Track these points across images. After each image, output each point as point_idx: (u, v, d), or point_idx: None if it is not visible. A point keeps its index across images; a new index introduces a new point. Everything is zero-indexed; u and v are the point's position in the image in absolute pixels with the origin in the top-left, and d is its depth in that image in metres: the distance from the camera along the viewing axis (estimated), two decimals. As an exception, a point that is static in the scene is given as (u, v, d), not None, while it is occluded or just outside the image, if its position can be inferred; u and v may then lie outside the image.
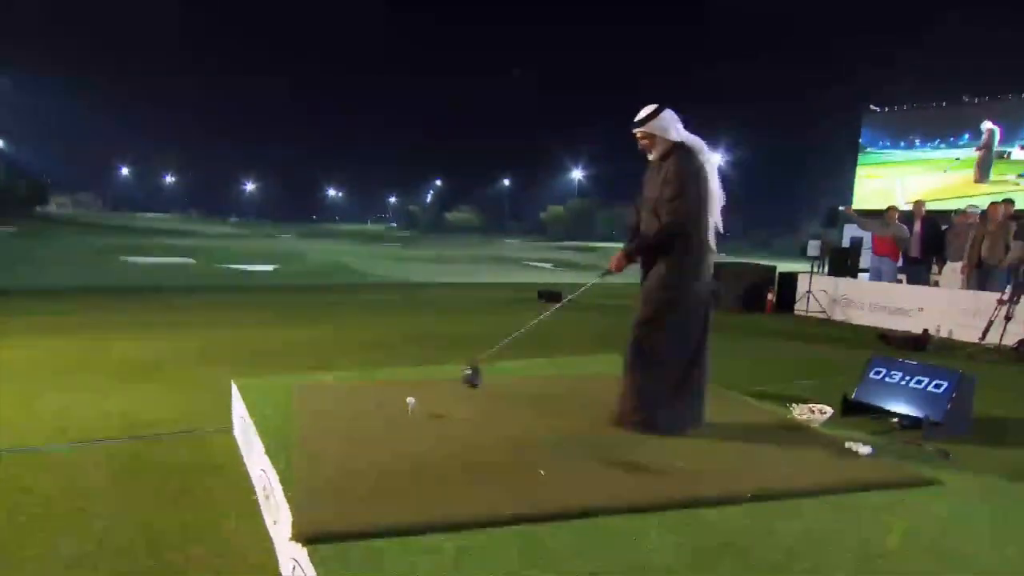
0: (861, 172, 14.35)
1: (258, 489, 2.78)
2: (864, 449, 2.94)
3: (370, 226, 76.62)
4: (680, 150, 3.23)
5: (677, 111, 3.30)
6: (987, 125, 12.44)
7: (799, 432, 3.31)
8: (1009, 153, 12.22)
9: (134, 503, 2.72)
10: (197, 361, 5.37)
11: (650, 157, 3.35)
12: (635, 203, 3.48)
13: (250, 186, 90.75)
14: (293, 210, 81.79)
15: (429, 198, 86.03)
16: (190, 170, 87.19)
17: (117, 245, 22.25)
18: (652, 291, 3.24)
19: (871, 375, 4.39)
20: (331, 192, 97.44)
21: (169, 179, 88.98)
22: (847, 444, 3.02)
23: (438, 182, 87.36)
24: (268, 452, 2.67)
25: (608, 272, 3.39)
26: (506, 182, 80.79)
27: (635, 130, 3.29)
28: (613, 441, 3.05)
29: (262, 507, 2.65)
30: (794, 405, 3.55)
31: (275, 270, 17.62)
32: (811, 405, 3.48)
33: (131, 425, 3.68)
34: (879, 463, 2.89)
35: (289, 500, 2.22)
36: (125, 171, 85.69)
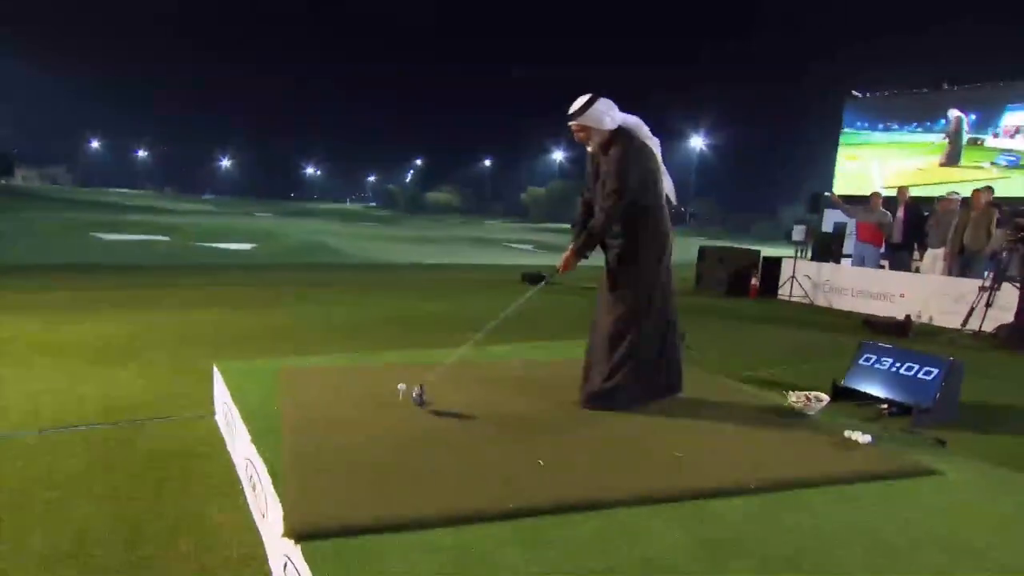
0: (841, 154, 14.46)
1: (244, 479, 2.67)
2: (864, 438, 2.91)
3: (349, 205, 75.72)
4: (620, 137, 3.18)
5: (612, 98, 3.19)
6: (954, 113, 12.61)
7: (796, 420, 3.28)
8: (983, 140, 12.36)
9: (113, 493, 2.60)
10: (175, 343, 5.19)
11: (588, 149, 3.30)
12: (581, 194, 3.44)
13: (226, 163, 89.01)
14: (271, 188, 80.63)
15: (409, 177, 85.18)
16: (164, 145, 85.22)
17: (87, 221, 21.61)
18: (622, 286, 3.23)
19: (861, 361, 4.39)
20: (309, 170, 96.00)
21: (142, 154, 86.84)
22: (846, 433, 2.99)
23: (418, 161, 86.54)
24: (255, 441, 2.55)
25: (556, 273, 3.34)
26: (487, 162, 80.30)
27: (570, 123, 3.22)
28: (610, 428, 2.99)
29: (248, 498, 2.55)
30: (790, 392, 3.51)
31: (253, 249, 17.28)
32: (807, 392, 3.44)
33: (108, 410, 3.53)
34: (881, 453, 2.86)
35: (280, 494, 2.12)
36: (96, 144, 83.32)
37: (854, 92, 14.45)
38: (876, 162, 13.71)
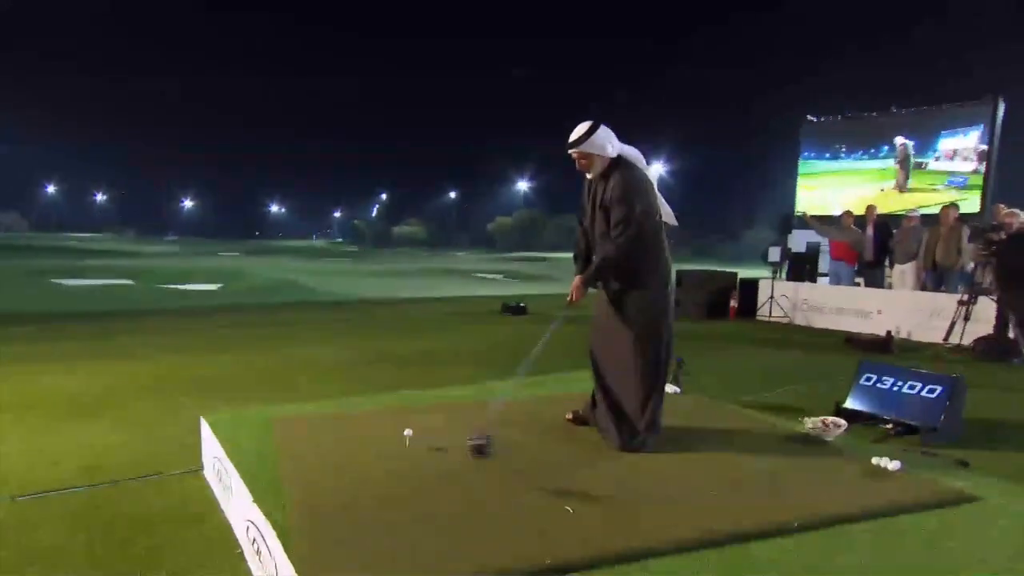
0: (802, 182, 14.77)
1: (244, 543, 2.46)
2: (893, 465, 2.84)
3: (316, 242, 74.93)
4: (621, 165, 3.16)
5: (610, 124, 3.20)
6: (899, 140, 12.99)
7: (820, 448, 3.19)
8: (926, 164, 12.75)
9: (102, 565, 2.36)
10: (150, 393, 4.91)
11: (589, 176, 3.27)
12: (580, 223, 3.39)
13: (188, 203, 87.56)
14: (234, 228, 79.36)
15: (374, 212, 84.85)
16: (122, 187, 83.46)
17: (47, 267, 20.80)
18: (633, 316, 3.16)
19: (862, 381, 4.36)
20: (273, 208, 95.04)
21: (100, 197, 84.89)
22: (874, 460, 2.91)
23: (383, 196, 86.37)
24: (258, 502, 2.35)
25: (568, 305, 3.27)
26: (452, 194, 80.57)
27: (571, 151, 3.18)
28: (632, 466, 2.86)
29: (251, 564, 2.34)
30: (806, 418, 3.44)
31: (220, 289, 16.82)
32: (824, 418, 3.37)
33: (86, 470, 3.27)
34: (914, 481, 2.78)
35: (293, 560, 1.93)
36: (51, 189, 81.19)
37: (809, 117, 14.86)
38: (832, 190, 14.00)
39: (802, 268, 10.36)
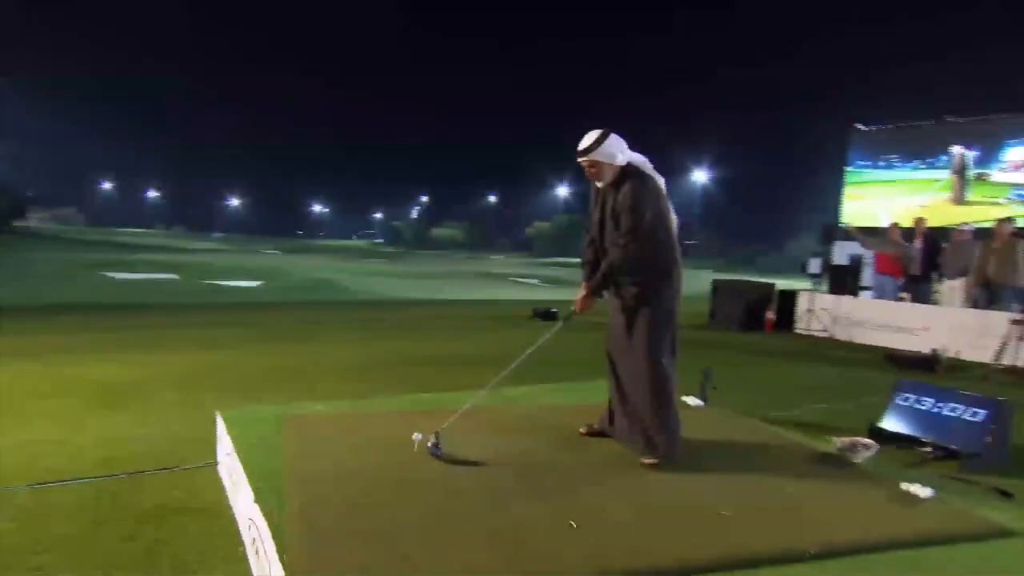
0: (849, 191, 14.28)
1: (246, 540, 2.45)
2: (924, 492, 2.67)
3: (355, 242, 76.11)
4: (631, 173, 3.09)
5: (622, 134, 3.12)
6: (957, 149, 12.41)
7: (845, 470, 3.03)
8: (988, 175, 12.15)
9: (103, 559, 2.38)
10: (180, 385, 5.00)
11: (599, 185, 3.20)
12: (587, 231, 3.33)
13: (234, 201, 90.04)
14: (278, 225, 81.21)
15: (415, 214, 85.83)
16: (173, 185, 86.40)
17: (98, 260, 21.65)
18: (645, 325, 3.07)
19: (898, 401, 4.15)
20: (316, 208, 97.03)
21: (152, 194, 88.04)
22: (903, 486, 2.74)
23: (424, 198, 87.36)
24: (258, 500, 2.34)
25: (573, 314, 3.19)
26: (491, 198, 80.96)
27: (581, 159, 3.11)
28: (642, 481, 2.76)
29: (251, 562, 2.33)
30: (833, 438, 3.28)
31: (260, 286, 17.20)
32: (853, 438, 3.21)
33: (106, 461, 3.33)
34: (946, 510, 2.61)
35: (284, 562, 1.91)
36: (107, 186, 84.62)
37: (858, 125, 14.38)
38: (882, 200, 13.49)
39: (844, 280, 10.00)
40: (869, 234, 10.14)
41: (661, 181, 3.23)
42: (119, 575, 2.29)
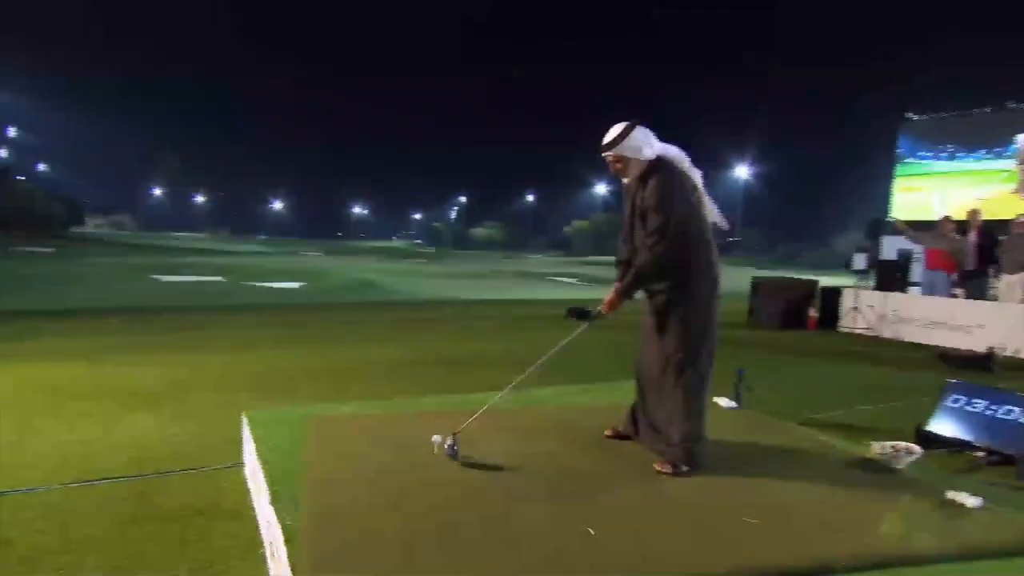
0: (898, 184, 13.69)
1: (265, 543, 2.46)
2: (972, 500, 2.50)
3: (395, 242, 77.10)
4: (659, 168, 2.93)
5: (660, 130, 2.98)
6: (1023, 137, 11.75)
7: (886, 476, 2.87)
8: None
9: (128, 557, 2.41)
10: (213, 387, 5.09)
11: (624, 180, 3.06)
12: (621, 230, 3.18)
13: (278, 204, 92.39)
14: (320, 228, 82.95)
15: (453, 214, 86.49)
16: (220, 190, 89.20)
17: (149, 264, 22.44)
18: (677, 326, 2.93)
19: (949, 403, 3.94)
20: (357, 209, 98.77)
21: (200, 199, 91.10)
22: (949, 494, 2.58)
23: (462, 198, 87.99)
24: (275, 502, 2.34)
25: (599, 315, 3.05)
26: (530, 197, 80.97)
27: (605, 154, 2.97)
28: (666, 487, 2.67)
29: (269, 565, 2.32)
30: (872, 442, 3.12)
31: (301, 287, 17.51)
32: (894, 442, 3.04)
33: (137, 461, 3.39)
34: (995, 519, 2.44)
35: (293, 565, 1.89)
36: (157, 192, 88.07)
37: (909, 115, 13.79)
38: (937, 192, 12.88)
39: (892, 276, 9.61)
40: (919, 228, 9.71)
41: (697, 175, 3.07)
42: (142, 575, 2.32)
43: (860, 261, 9.83)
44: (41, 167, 59.35)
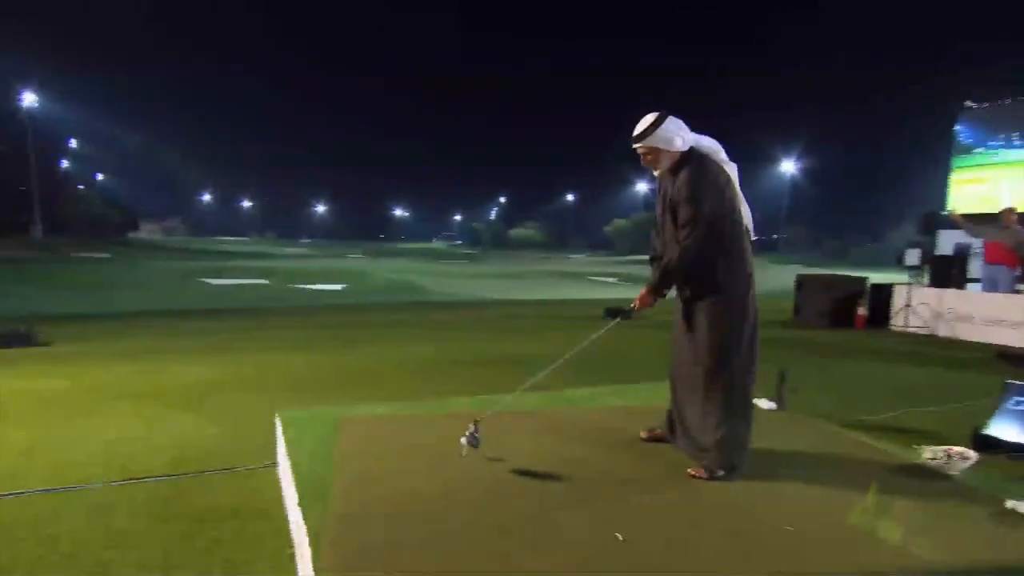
0: (958, 176, 13.03)
1: (295, 543, 2.47)
2: (1032, 510, 2.34)
3: (435, 244, 77.80)
4: (692, 160, 2.82)
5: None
6: None
7: (938, 483, 2.72)
8: None
9: (162, 557, 2.45)
10: (252, 387, 5.19)
11: (655, 173, 2.96)
12: (655, 224, 3.08)
13: (322, 208, 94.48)
14: (363, 230, 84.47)
15: (493, 215, 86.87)
16: (266, 195, 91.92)
17: (197, 268, 23.20)
18: (709, 327, 2.82)
19: (1010, 406, 3.72)
20: (399, 212, 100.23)
21: (246, 204, 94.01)
22: (1008, 503, 2.42)
23: (502, 199, 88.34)
24: (302, 502, 2.35)
25: (631, 311, 2.97)
26: (569, 197, 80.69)
27: (635, 145, 2.88)
28: (700, 492, 2.58)
29: (298, 566, 2.33)
30: (923, 446, 2.95)
31: (343, 289, 17.81)
32: (946, 447, 2.87)
33: (177, 460, 3.47)
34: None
35: (316, 568, 1.88)
36: (207, 198, 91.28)
37: (968, 103, 13.14)
38: (1006, 183, 12.15)
39: (948, 272, 9.17)
40: (978, 221, 9.24)
41: (732, 168, 2.95)
42: (175, 574, 2.35)
43: (913, 257, 9.41)
44: (99, 176, 62.25)
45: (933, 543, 2.15)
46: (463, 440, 2.90)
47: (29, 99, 39.36)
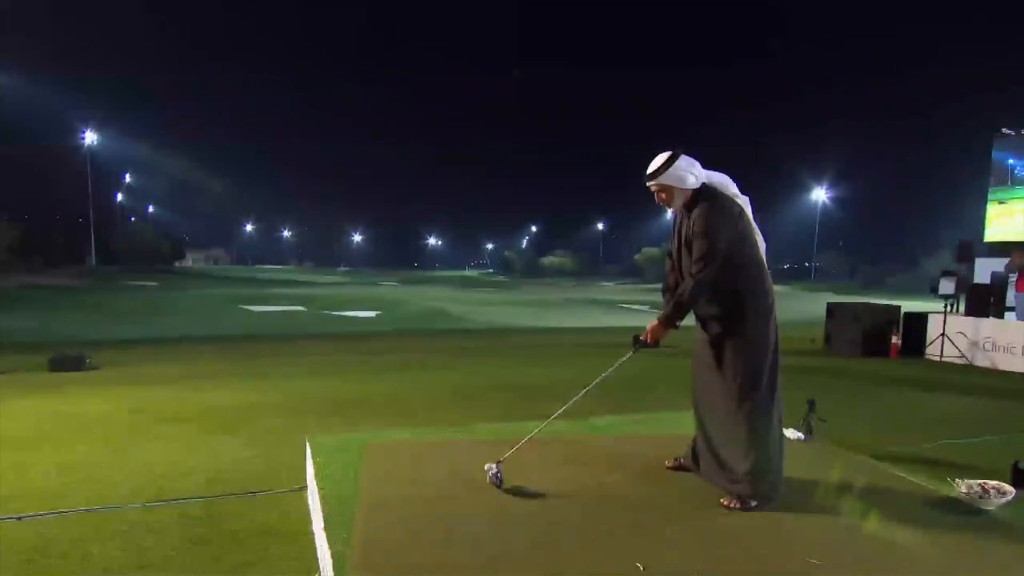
0: (998, 210, 12.63)
1: (320, 567, 2.54)
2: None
3: (468, 272, 78.41)
4: (705, 195, 2.88)
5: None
6: None
7: (972, 519, 2.65)
8: None
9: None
10: (286, 412, 5.33)
11: (670, 210, 3.03)
12: (669, 256, 3.13)
13: (358, 237, 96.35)
14: (397, 258, 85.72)
15: (525, 243, 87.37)
16: (305, 225, 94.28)
17: (239, 295, 23.87)
18: (731, 358, 2.85)
19: (1048, 439, 3.61)
20: (432, 241, 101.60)
21: (286, 234, 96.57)
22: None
23: (533, 228, 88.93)
24: (327, 528, 2.42)
25: (643, 345, 2.97)
26: (600, 226, 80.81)
27: (648, 183, 2.94)
28: (723, 521, 2.58)
29: (321, 588, 2.40)
30: (958, 480, 2.89)
31: (377, 316, 18.09)
32: (984, 481, 2.80)
33: (211, 483, 3.59)
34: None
35: (339, 590, 1.95)
36: (249, 228, 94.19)
37: (1004, 130, 12.88)
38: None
39: (984, 301, 8.93)
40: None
41: (744, 201, 3.03)
42: (207, 593, 2.44)
43: (947, 286, 9.19)
44: (151, 209, 65.19)
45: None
46: (489, 470, 2.95)
47: (90, 137, 41.67)
